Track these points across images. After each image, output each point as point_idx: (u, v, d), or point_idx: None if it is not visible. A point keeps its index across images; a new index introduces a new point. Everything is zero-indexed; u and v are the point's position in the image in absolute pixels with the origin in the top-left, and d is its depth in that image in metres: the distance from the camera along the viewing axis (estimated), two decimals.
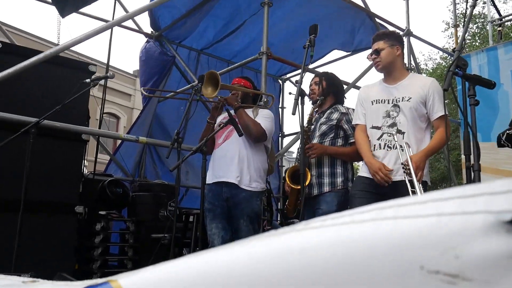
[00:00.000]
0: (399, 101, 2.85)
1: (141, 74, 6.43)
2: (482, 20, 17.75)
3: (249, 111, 3.41)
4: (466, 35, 17.22)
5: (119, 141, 7.24)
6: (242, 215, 3.25)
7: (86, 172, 4.89)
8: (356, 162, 3.63)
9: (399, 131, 2.80)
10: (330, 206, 3.12)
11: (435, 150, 2.79)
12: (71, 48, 4.82)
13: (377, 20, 6.03)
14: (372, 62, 3.04)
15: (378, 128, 2.89)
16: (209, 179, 3.36)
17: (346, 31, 6.26)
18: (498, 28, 7.17)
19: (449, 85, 1.89)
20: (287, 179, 3.27)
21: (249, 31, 6.32)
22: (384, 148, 2.83)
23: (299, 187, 3.17)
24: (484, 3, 17.27)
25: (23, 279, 0.67)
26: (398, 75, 2.96)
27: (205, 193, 3.33)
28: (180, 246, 4.40)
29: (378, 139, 2.87)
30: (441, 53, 18.16)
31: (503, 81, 6.44)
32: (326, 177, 3.19)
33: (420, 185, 2.50)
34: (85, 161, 4.40)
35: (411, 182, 2.51)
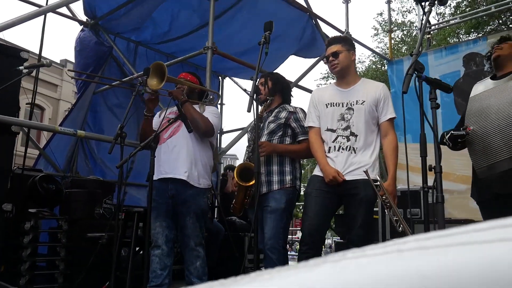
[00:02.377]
0: (353, 104, 2.96)
1: (75, 64, 6.07)
2: (408, 27, 18.76)
3: (196, 107, 3.33)
4: (393, 41, 18.09)
5: (44, 134, 6.83)
6: (189, 212, 3.15)
7: (13, 166, 4.54)
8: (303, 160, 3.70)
9: (352, 134, 2.91)
10: (279, 203, 3.12)
11: (397, 164, 2.90)
12: None
13: (319, 21, 6.14)
14: (327, 64, 3.10)
15: (333, 131, 2.97)
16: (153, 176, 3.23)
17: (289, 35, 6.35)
18: (427, 36, 7.56)
19: (408, 88, 1.95)
20: (235, 176, 3.21)
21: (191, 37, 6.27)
22: (338, 150, 2.92)
23: (248, 184, 3.14)
24: (409, 12, 18.28)
25: None
26: (351, 80, 3.07)
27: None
28: (119, 246, 4.20)
29: (333, 141, 2.96)
30: (371, 56, 18.94)
31: (427, 84, 6.92)
32: (275, 175, 3.19)
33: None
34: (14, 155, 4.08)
35: (376, 185, 2.63)
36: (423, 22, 2.42)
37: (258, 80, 3.55)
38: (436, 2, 2.26)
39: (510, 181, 2.55)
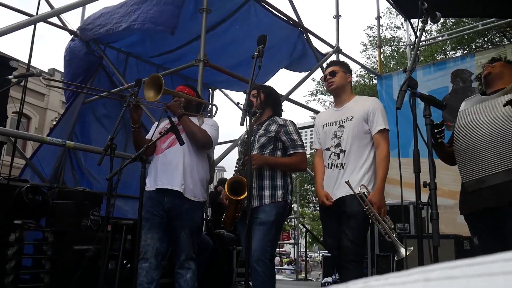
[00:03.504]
0: (344, 121, 3.09)
1: (64, 74, 6.02)
2: (396, 43, 19.02)
3: (194, 120, 3.31)
4: (382, 56, 18.30)
5: (31, 143, 6.75)
6: (184, 227, 3.11)
7: None
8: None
9: (342, 150, 3.02)
10: (268, 216, 3.10)
11: (386, 174, 2.95)
12: None
13: (310, 35, 6.19)
14: (325, 83, 3.28)
15: (328, 149, 3.12)
16: (150, 186, 3.19)
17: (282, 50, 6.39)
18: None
19: (401, 104, 1.96)
20: (226, 190, 3.18)
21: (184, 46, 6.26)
22: (331, 168, 3.06)
23: (239, 198, 3.11)
24: (398, 28, 18.55)
25: None
26: (345, 99, 3.22)
27: (143, 202, 3.15)
28: (106, 258, 4.13)
29: (328, 159, 3.10)
30: (359, 71, 19.12)
31: (421, 101, 7.02)
32: (266, 190, 3.16)
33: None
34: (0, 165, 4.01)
35: (361, 197, 2.76)
36: (417, 38, 2.43)
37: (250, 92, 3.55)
38: (429, 19, 2.29)
39: (501, 195, 2.56)
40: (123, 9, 5.09)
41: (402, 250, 2.60)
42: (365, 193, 2.83)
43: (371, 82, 17.56)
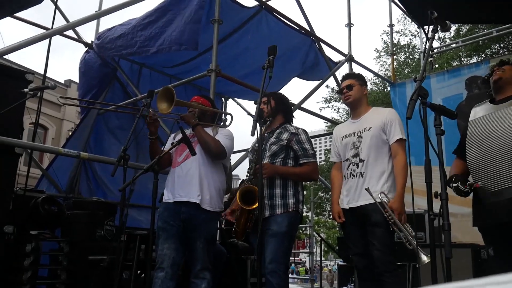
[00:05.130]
0: (362, 132, 3.16)
1: (79, 86, 6.12)
2: (410, 50, 18.91)
3: (208, 130, 3.33)
4: (395, 63, 18.20)
5: (47, 154, 6.84)
6: (200, 237, 3.12)
7: (16, 187, 4.52)
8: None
9: (361, 160, 3.08)
10: (281, 227, 3.09)
11: (405, 182, 2.97)
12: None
13: (322, 44, 6.20)
14: (342, 95, 3.37)
15: (347, 159, 3.20)
16: (167, 198, 3.22)
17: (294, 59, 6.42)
18: (430, 59, 7.62)
19: (412, 113, 1.95)
20: (238, 200, 3.18)
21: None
22: (350, 177, 3.14)
23: (251, 207, 3.11)
24: (413, 35, 18.46)
25: None
26: (362, 111, 3.30)
27: (160, 212, 3.18)
28: (120, 268, 4.15)
29: (347, 169, 3.18)
30: (373, 79, 19.03)
31: (431, 110, 6.97)
32: (278, 199, 3.15)
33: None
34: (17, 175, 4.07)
35: (381, 204, 2.85)
36: (426, 48, 2.42)
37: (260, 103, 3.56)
38: (438, 28, 2.28)
39: None
40: (146, 32, 5.11)
41: (424, 257, 2.63)
42: (386, 200, 2.88)
43: (385, 89, 17.46)
